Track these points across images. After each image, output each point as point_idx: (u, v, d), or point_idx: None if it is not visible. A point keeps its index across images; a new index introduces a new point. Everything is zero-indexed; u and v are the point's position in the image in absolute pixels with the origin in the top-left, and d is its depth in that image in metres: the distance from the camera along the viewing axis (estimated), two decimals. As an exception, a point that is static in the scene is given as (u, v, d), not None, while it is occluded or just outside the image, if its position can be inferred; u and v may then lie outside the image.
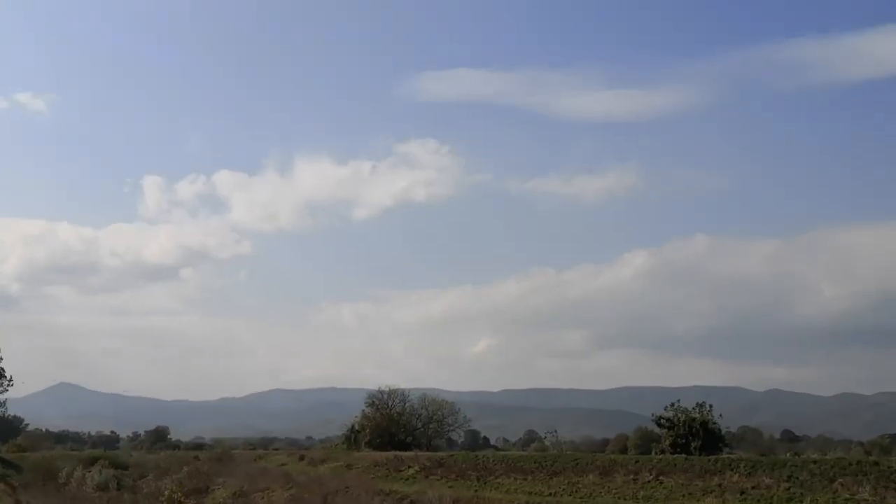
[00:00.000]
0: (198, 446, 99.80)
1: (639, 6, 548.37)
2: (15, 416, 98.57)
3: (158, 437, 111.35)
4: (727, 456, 45.49)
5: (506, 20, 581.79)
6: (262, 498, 49.86)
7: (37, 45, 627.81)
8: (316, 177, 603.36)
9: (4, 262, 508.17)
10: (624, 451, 74.54)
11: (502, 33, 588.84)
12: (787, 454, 57.26)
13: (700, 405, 49.27)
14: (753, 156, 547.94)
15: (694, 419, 48.37)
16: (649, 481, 40.90)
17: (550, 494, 41.93)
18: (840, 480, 36.23)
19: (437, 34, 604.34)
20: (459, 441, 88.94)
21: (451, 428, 72.64)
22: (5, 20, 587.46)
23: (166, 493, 49.58)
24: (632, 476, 41.89)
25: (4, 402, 75.33)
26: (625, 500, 39.50)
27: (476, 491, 44.29)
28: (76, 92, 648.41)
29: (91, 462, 62.55)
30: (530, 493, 42.41)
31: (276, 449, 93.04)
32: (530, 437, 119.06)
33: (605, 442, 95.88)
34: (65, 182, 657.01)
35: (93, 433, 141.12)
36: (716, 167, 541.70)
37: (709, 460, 42.19)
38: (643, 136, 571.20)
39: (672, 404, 49.90)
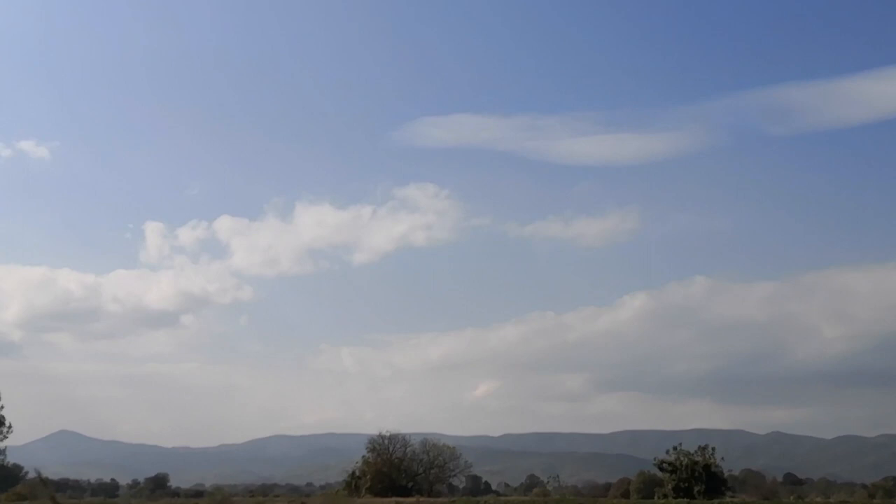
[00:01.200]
0: (198, 493, 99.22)
1: (633, 53, 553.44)
2: (14, 464, 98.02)
3: (158, 484, 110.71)
4: (730, 500, 45.45)
5: (502, 67, 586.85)
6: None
7: (40, 94, 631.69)
8: (316, 222, 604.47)
9: (6, 310, 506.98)
10: (626, 495, 74.22)
11: (499, 79, 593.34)
12: (791, 498, 57.09)
13: (702, 448, 49.27)
14: (751, 199, 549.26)
15: (696, 462, 48.35)
16: (652, 526, 40.87)
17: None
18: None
19: (435, 81, 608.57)
20: (461, 487, 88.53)
21: (453, 473, 72.35)
22: (10, 68, 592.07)
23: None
24: (635, 520, 41.84)
25: (4, 450, 74.99)
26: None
27: (479, 536, 44.16)
28: (79, 139, 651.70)
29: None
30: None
31: (277, 495, 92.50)
32: (532, 482, 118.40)
33: (608, 486, 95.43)
34: (67, 229, 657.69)
35: (92, 481, 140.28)
36: (714, 210, 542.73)
37: (712, 504, 42.19)
38: (641, 180, 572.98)
39: (674, 447, 49.89)
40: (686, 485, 47.90)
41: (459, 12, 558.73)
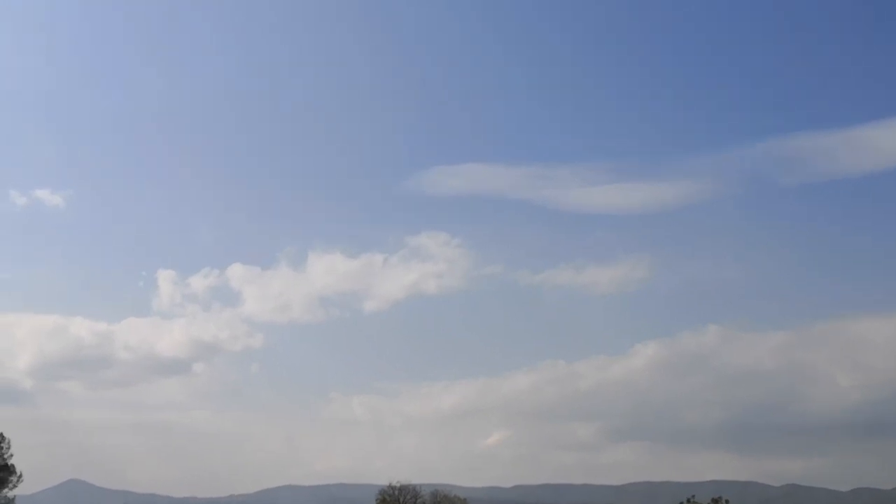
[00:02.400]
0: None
1: (642, 103, 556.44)
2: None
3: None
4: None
5: (512, 116, 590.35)
6: None
7: (55, 142, 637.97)
8: (328, 270, 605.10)
9: (18, 358, 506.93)
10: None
11: (509, 129, 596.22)
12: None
13: (716, 501, 48.82)
14: (763, 247, 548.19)
15: (711, 516, 47.85)
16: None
17: None
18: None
19: (446, 130, 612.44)
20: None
21: (464, 526, 71.67)
22: (26, 118, 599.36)
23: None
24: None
25: (13, 499, 74.77)
26: None
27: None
28: (93, 187, 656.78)
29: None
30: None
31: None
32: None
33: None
34: (80, 277, 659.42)
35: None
36: (726, 259, 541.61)
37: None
38: (653, 229, 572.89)
39: (688, 500, 49.43)
40: (701, 538, 47.32)
41: (470, 62, 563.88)
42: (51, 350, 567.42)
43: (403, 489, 67.19)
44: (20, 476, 70.72)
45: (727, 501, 48.77)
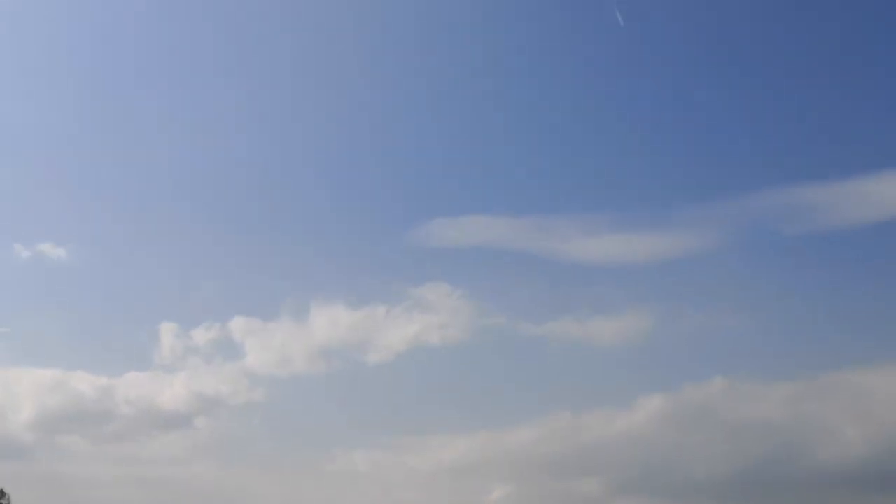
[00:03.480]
0: None
1: (643, 154, 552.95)
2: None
3: None
4: None
5: (512, 168, 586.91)
6: None
7: (59, 196, 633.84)
8: (330, 322, 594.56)
9: (19, 413, 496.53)
10: None
11: (509, 181, 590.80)
12: None
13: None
14: (767, 298, 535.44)
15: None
16: None
17: None
18: None
19: (447, 182, 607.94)
20: None
21: None
22: (31, 171, 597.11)
23: None
24: None
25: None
26: None
27: None
28: (96, 240, 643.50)
29: None
30: None
31: None
32: None
33: None
34: (82, 330, 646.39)
35: None
36: (730, 310, 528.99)
37: None
38: (656, 280, 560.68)
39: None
40: None
41: (470, 113, 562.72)
42: (51, 404, 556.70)
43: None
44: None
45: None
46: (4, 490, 70.99)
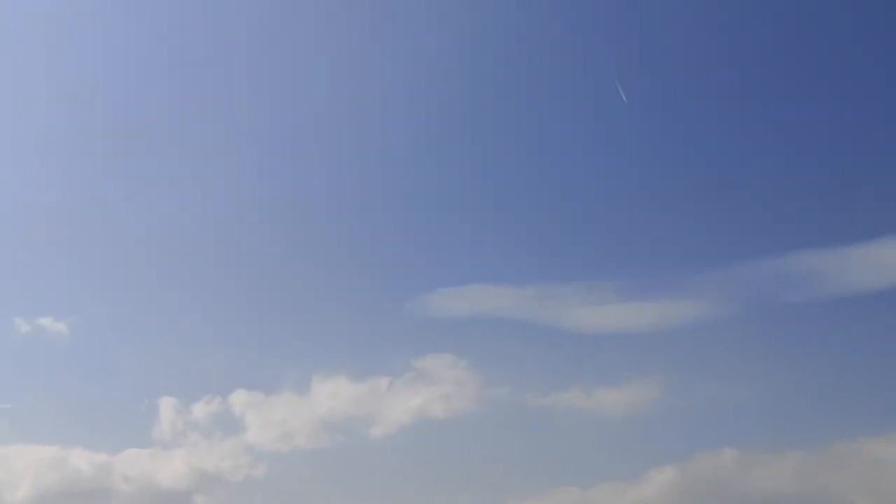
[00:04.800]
0: None
1: (646, 222, 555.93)
2: None
3: None
4: None
5: (514, 237, 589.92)
6: None
7: (60, 269, 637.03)
8: (333, 395, 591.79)
9: (15, 491, 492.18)
10: None
11: (512, 250, 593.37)
12: None
13: None
14: (774, 367, 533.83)
15: None
16: None
17: None
18: None
19: (449, 252, 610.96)
20: None
21: None
22: (32, 243, 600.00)
23: None
24: None
25: None
26: None
27: None
28: (97, 314, 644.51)
29: None
30: None
31: None
32: None
33: None
34: (82, 405, 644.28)
35: None
36: (739, 379, 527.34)
37: None
38: (662, 349, 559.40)
39: None
40: None
41: (470, 183, 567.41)
42: (49, 482, 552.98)
43: None
44: None
45: None
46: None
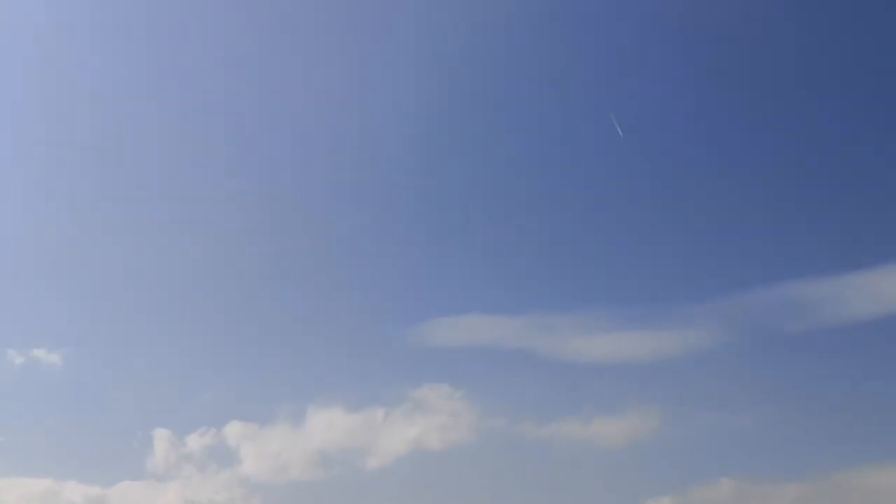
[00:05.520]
0: None
1: (642, 251, 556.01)
2: None
3: None
4: None
5: (509, 267, 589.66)
6: None
7: (54, 300, 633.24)
8: (328, 426, 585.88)
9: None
10: None
11: (508, 279, 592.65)
12: None
13: None
14: (772, 397, 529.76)
15: None
16: None
17: None
18: None
19: (445, 282, 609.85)
20: None
21: None
22: (26, 275, 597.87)
23: None
24: None
25: None
26: None
27: None
28: (91, 345, 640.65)
29: None
30: None
31: None
32: None
33: None
34: (75, 438, 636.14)
35: None
36: (736, 408, 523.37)
37: None
38: (660, 378, 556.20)
39: None
40: None
41: (466, 212, 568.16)
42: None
43: None
44: None
45: None
46: None
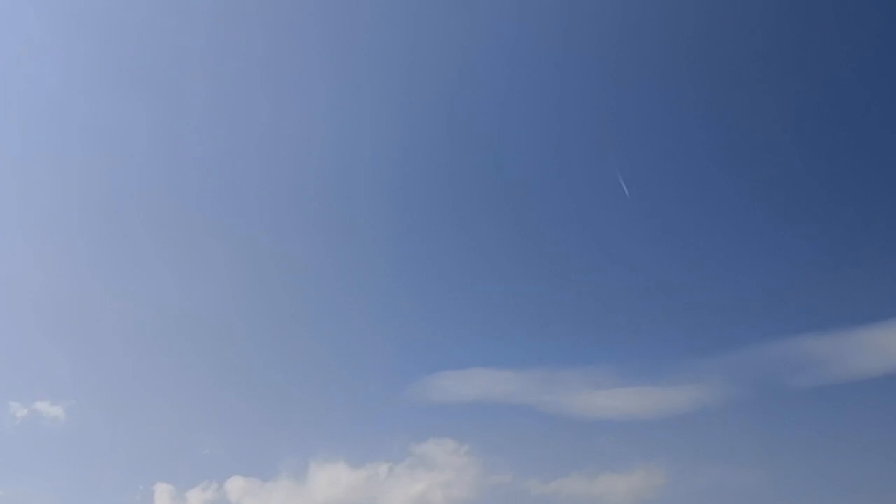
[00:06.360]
0: None
1: (648, 307, 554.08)
2: None
3: None
4: None
5: (516, 321, 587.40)
6: None
7: (59, 353, 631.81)
8: (331, 481, 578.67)
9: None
10: None
11: (514, 334, 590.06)
12: None
13: None
14: (779, 452, 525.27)
15: None
16: None
17: None
18: None
19: (450, 335, 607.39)
20: None
21: None
22: (30, 327, 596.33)
23: None
24: None
25: None
26: None
27: None
28: (95, 398, 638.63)
29: None
30: None
31: None
32: None
33: None
34: (77, 491, 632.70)
35: None
36: (743, 464, 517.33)
37: None
38: (666, 434, 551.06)
39: None
40: None
41: (471, 268, 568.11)
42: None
43: None
44: None
45: None
46: None
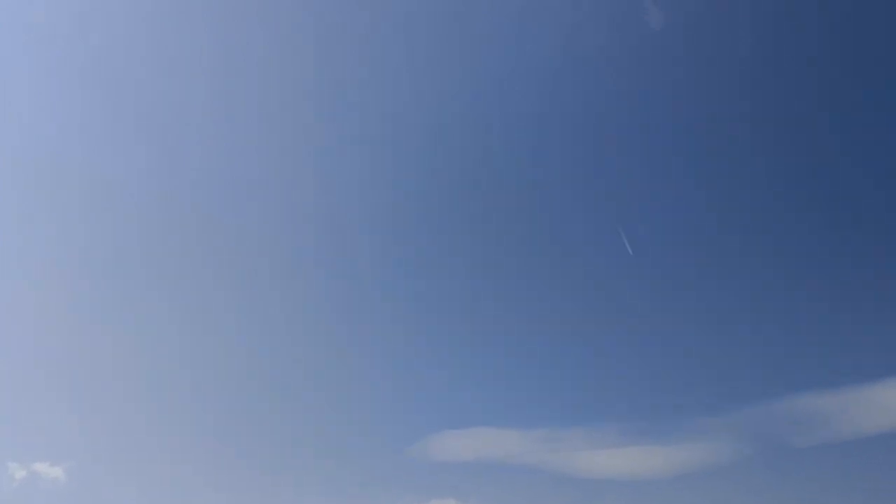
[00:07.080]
0: None
1: (650, 365, 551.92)
2: None
3: None
4: None
5: (519, 380, 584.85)
6: None
7: (58, 413, 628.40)
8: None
9: None
10: None
11: (517, 393, 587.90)
12: None
13: None
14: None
15: None
16: None
17: None
18: None
19: (453, 394, 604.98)
20: None
21: None
22: (29, 388, 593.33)
23: None
24: None
25: None
26: None
27: None
28: (94, 459, 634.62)
29: None
30: None
31: None
32: None
33: None
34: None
35: None
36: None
37: None
38: (670, 493, 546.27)
39: None
40: None
41: (472, 327, 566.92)
42: None
43: None
44: None
45: None
46: None
